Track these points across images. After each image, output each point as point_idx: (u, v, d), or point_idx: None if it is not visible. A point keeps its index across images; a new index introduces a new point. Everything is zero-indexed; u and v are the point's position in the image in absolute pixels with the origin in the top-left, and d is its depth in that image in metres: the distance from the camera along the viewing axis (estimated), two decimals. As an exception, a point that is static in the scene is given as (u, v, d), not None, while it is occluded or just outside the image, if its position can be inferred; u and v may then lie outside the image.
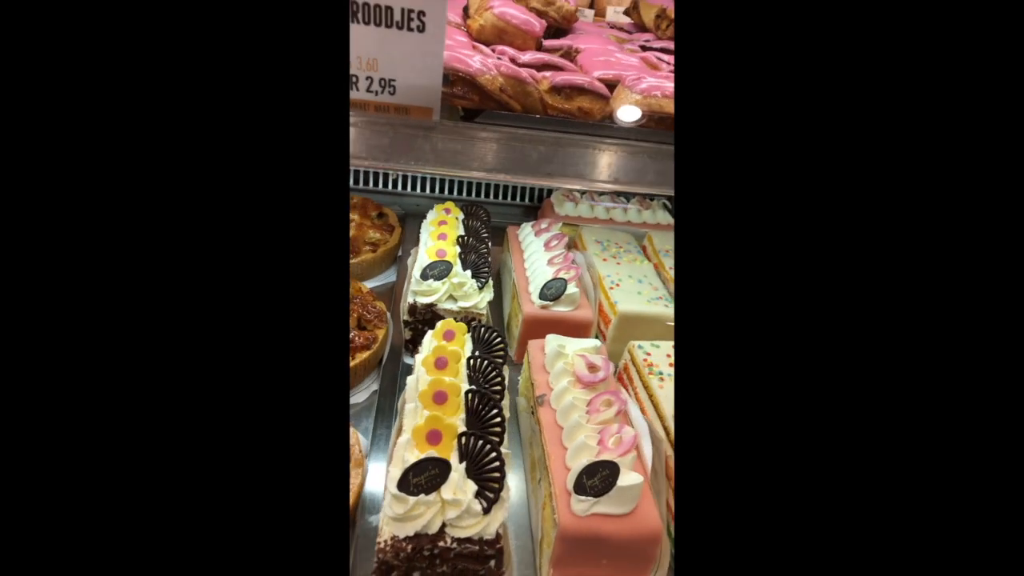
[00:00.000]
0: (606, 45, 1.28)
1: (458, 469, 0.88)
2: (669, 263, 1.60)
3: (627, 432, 0.98)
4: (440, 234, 1.45)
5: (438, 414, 0.94)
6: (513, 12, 1.12)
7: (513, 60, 1.06)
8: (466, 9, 1.28)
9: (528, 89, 0.95)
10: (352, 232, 1.60)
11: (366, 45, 0.84)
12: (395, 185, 1.98)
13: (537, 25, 1.14)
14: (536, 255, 1.52)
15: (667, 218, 1.88)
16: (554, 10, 1.35)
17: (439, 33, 0.83)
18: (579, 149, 0.94)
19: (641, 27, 1.57)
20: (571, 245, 1.71)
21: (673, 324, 1.41)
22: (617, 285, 1.46)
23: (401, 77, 0.87)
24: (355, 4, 0.81)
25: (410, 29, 0.84)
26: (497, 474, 0.88)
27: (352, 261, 1.50)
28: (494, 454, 0.89)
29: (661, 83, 0.99)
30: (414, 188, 2.00)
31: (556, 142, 0.94)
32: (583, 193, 1.90)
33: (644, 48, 1.34)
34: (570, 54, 1.20)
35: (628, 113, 0.98)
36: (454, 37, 1.05)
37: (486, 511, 0.85)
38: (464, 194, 2.05)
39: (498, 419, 0.97)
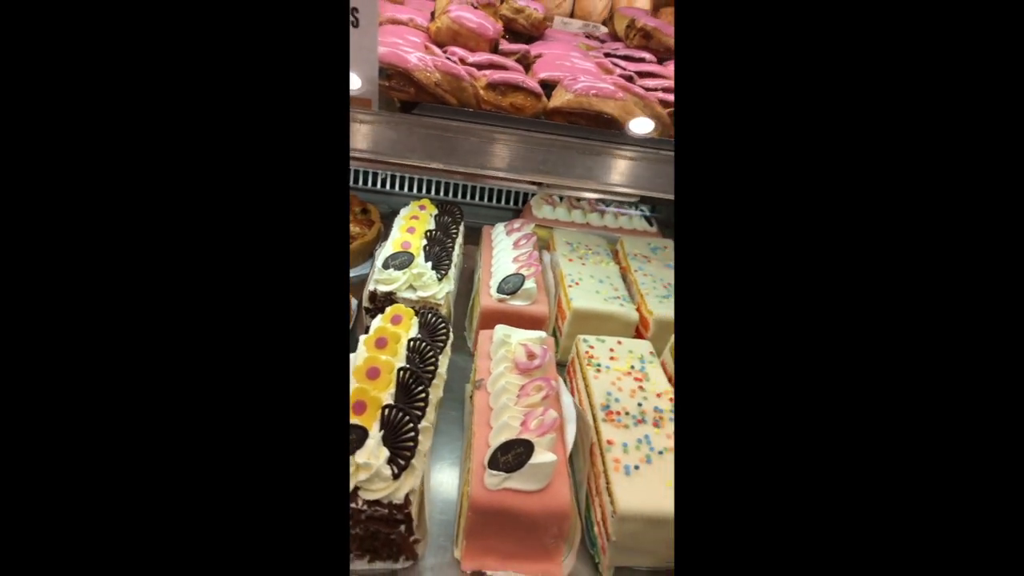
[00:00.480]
0: (568, 51, 1.33)
1: (375, 437, 0.93)
2: (636, 266, 1.62)
3: (550, 415, 1.01)
4: (409, 227, 1.52)
5: (365, 387, 0.99)
6: (467, 16, 1.19)
7: (462, 60, 1.13)
8: (433, 13, 1.36)
9: (463, 85, 1.01)
10: (333, 226, 1.68)
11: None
12: (384, 184, 2.07)
13: (491, 29, 1.21)
14: (503, 253, 1.57)
15: (643, 224, 1.90)
16: (523, 17, 1.42)
17: (372, 28, 0.90)
18: (509, 142, 1.00)
19: (616, 37, 1.62)
20: (544, 246, 1.76)
21: (628, 324, 1.43)
22: (577, 283, 1.49)
23: (341, 70, 0.94)
24: None
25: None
26: (411, 444, 0.92)
27: (327, 252, 1.58)
28: (411, 425, 0.93)
29: (596, 83, 1.04)
30: (403, 187, 2.08)
31: (486, 135, 1.00)
32: (562, 198, 1.95)
33: (608, 55, 1.39)
34: (527, 58, 1.26)
35: (559, 106, 1.03)
36: (407, 37, 1.12)
37: (395, 476, 0.90)
38: (453, 195, 2.12)
39: (423, 395, 1.02)
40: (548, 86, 1.11)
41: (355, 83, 0.94)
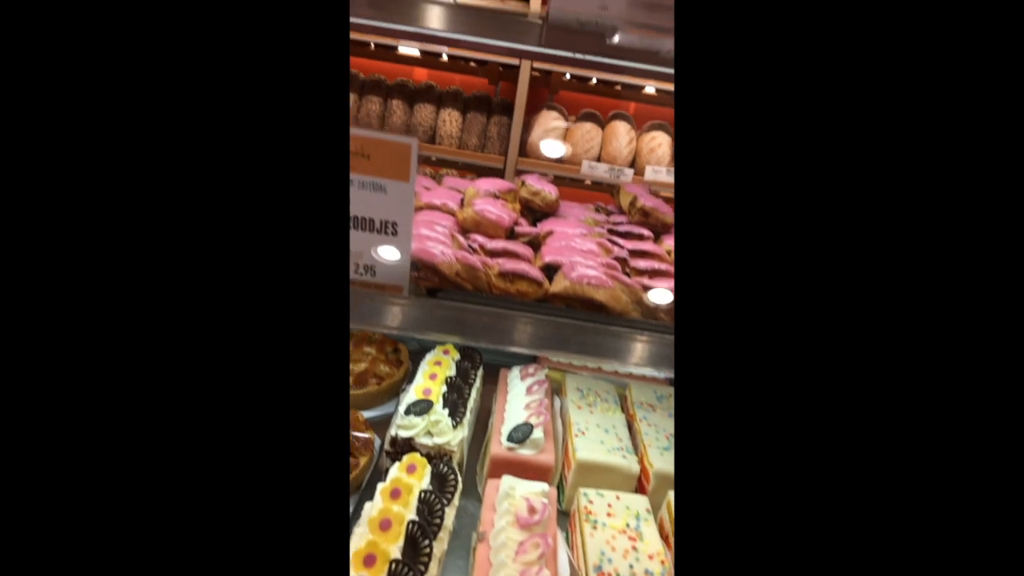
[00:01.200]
0: (576, 230, 1.56)
1: (380, 591, 1.02)
2: (642, 415, 1.72)
3: (544, 574, 1.08)
4: (432, 374, 1.69)
5: (377, 539, 1.10)
6: (489, 209, 1.44)
7: (482, 246, 1.35)
8: (463, 201, 1.63)
9: (479, 274, 1.22)
10: (365, 365, 1.87)
11: (356, 243, 1.16)
12: (415, 325, 2.28)
13: (507, 219, 1.45)
14: (516, 398, 1.70)
15: (653, 372, 2.02)
16: (539, 198, 1.67)
17: (407, 236, 1.13)
18: (512, 322, 1.18)
19: (621, 210, 1.86)
20: (557, 390, 1.89)
21: (630, 477, 1.50)
22: (583, 433, 1.59)
23: (379, 265, 1.17)
24: (354, 219, 1.14)
25: (386, 234, 1.15)
26: (413, 600, 1.01)
27: (358, 392, 1.75)
28: (413, 581, 1.02)
29: (589, 272, 1.23)
30: (432, 328, 2.29)
31: (496, 315, 1.19)
32: (576, 342, 2.10)
33: (611, 231, 1.61)
34: (538, 239, 1.49)
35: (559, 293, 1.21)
36: (436, 227, 1.37)
37: (395, 634, 0.97)
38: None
39: (428, 550, 1.11)
40: (553, 268, 1.31)
41: (391, 276, 1.16)
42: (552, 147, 3.21)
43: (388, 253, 1.15)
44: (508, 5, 3.16)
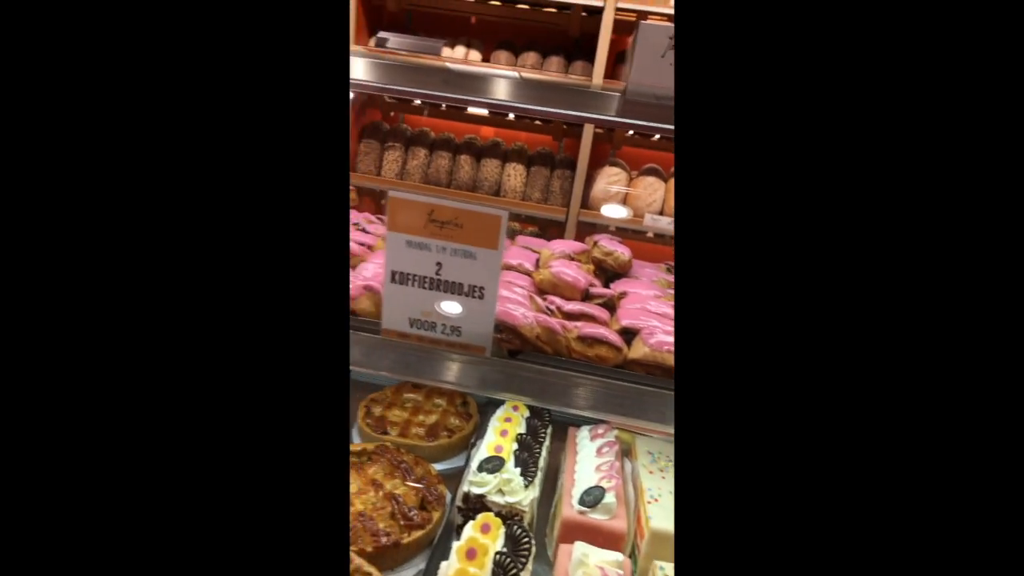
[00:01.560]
0: (650, 291, 1.57)
1: (459, 658, 1.01)
2: (717, 483, 1.65)
3: (623, 656, 1.04)
4: (502, 430, 1.70)
5: (455, 602, 1.10)
6: (565, 271, 1.48)
7: (559, 308, 1.39)
8: (538, 261, 1.68)
9: (558, 338, 1.25)
10: (436, 418, 1.91)
11: (443, 305, 1.22)
12: (482, 377, 2.32)
13: (583, 281, 1.48)
14: (586, 460, 1.68)
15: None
16: (612, 259, 1.70)
17: (492, 300, 1.18)
18: (591, 386, 1.19)
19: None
20: (627, 451, 1.85)
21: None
22: (656, 500, 1.55)
23: (465, 326, 1.22)
24: (441, 282, 1.20)
25: (473, 297, 1.20)
26: (491, 671, 0.99)
27: (430, 445, 1.79)
28: (492, 650, 1.01)
29: (668, 339, 1.23)
30: (498, 381, 2.32)
31: (572, 380, 1.20)
32: (645, 402, 2.07)
33: (684, 293, 1.61)
34: (612, 302, 1.51)
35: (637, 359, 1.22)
36: (514, 288, 1.41)
37: None
38: (543, 389, 2.31)
39: (506, 617, 1.10)
40: (630, 332, 1.32)
41: (475, 337, 1.21)
42: (614, 209, 3.28)
43: (475, 316, 1.20)
44: (570, 79, 3.31)
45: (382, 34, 1.78)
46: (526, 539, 1.32)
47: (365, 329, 1.27)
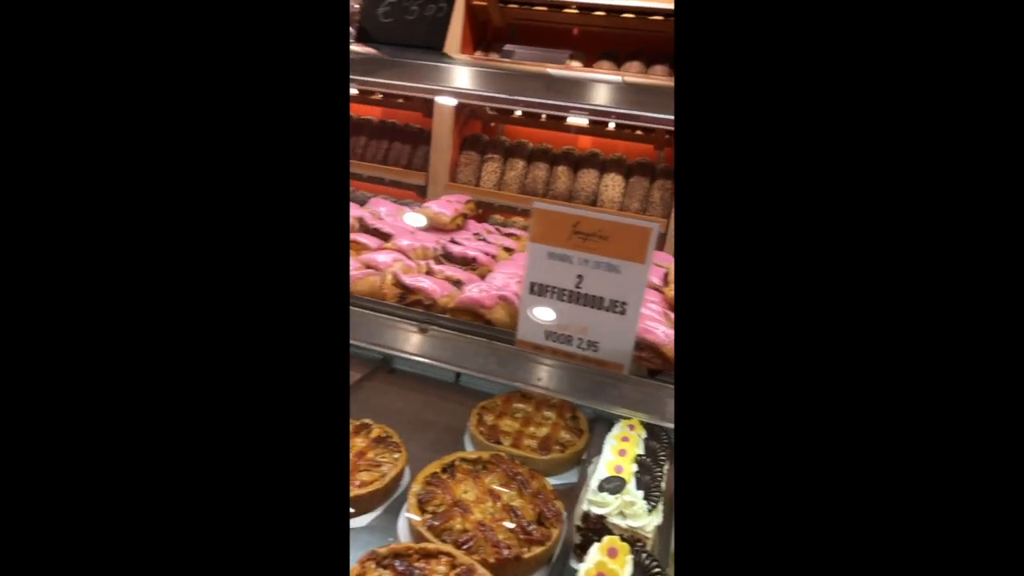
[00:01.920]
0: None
1: None
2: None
3: None
4: (621, 450, 1.64)
5: (592, 629, 1.06)
6: (700, 287, 1.41)
7: (696, 326, 1.32)
8: (666, 276, 1.61)
9: (703, 358, 1.18)
10: (547, 431, 1.88)
11: (583, 318, 1.19)
12: (589, 392, 2.26)
13: (720, 298, 1.40)
14: (710, 486, 1.59)
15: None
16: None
17: (635, 316, 1.14)
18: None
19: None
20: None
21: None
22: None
23: (603, 342, 1.18)
24: (582, 296, 1.17)
25: (614, 312, 1.16)
26: None
27: (543, 459, 1.76)
28: None
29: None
30: (605, 396, 2.26)
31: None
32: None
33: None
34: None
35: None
36: (651, 302, 1.36)
37: None
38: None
39: (646, 652, 1.04)
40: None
41: (613, 354, 1.17)
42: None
43: (615, 332, 1.16)
44: (671, 82, 3.21)
45: (508, 47, 1.80)
46: (657, 568, 1.26)
47: (500, 339, 1.26)
